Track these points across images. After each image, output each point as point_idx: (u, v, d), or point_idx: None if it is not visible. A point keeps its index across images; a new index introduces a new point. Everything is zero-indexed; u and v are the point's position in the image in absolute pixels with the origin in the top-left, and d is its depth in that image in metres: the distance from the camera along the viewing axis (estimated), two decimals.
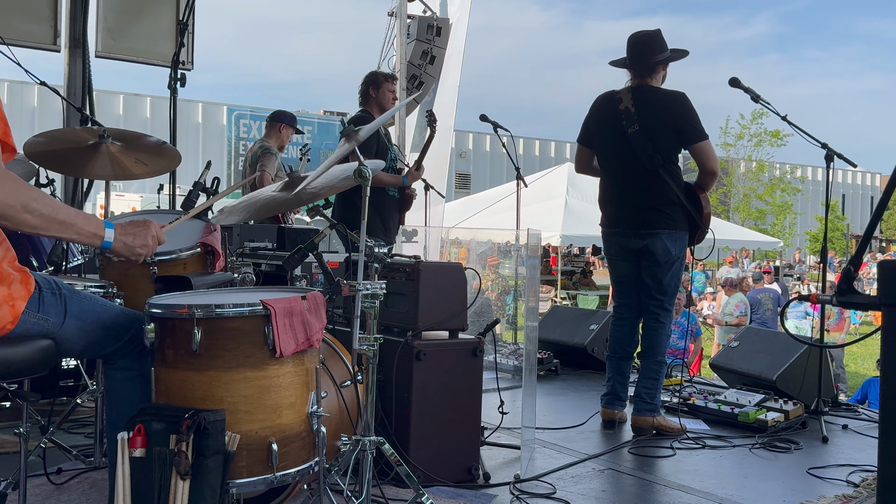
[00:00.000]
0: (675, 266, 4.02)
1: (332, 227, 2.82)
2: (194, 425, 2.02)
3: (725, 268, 16.08)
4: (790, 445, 3.84)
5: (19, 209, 1.86)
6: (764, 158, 29.36)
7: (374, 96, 4.97)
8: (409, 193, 5.02)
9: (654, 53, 3.99)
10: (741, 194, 29.43)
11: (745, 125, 28.57)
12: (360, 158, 2.44)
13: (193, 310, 2.14)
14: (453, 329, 3.17)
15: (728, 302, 11.01)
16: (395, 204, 4.98)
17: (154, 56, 5.74)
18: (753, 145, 29.08)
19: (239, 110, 23.90)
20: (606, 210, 4.19)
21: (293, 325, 2.24)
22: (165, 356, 2.21)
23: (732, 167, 29.59)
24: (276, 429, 2.20)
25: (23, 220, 1.89)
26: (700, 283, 15.78)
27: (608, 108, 4.08)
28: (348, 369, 2.78)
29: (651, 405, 4.00)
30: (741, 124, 28.68)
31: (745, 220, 27.94)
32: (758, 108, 24.26)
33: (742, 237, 17.10)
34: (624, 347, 4.16)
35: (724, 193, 29.52)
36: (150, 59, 5.76)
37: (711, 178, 4.00)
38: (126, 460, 2.04)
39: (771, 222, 29.24)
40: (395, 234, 5.07)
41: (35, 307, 2.07)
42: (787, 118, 4.29)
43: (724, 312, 10.97)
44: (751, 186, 29.43)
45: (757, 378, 4.62)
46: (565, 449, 3.72)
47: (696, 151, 3.94)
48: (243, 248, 4.19)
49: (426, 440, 3.01)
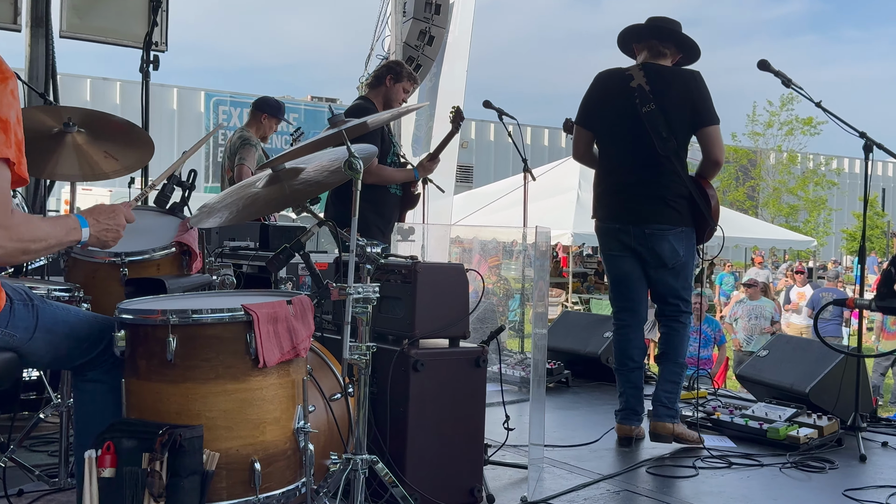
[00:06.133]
0: (686, 267, 4.03)
1: (320, 224, 2.82)
2: (169, 442, 2.02)
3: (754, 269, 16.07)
4: (825, 465, 3.84)
5: (19, 254, 2.04)
6: (795, 149, 29.39)
7: (388, 87, 4.77)
8: (414, 191, 4.93)
9: (678, 31, 4.02)
10: (771, 188, 29.46)
11: (775, 112, 28.63)
12: (349, 149, 2.44)
13: (168, 315, 2.14)
14: (454, 337, 3.17)
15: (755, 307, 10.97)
16: (398, 202, 4.89)
17: (124, 36, 5.74)
18: (784, 134, 29.13)
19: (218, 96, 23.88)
20: (603, 201, 4.15)
21: (278, 332, 2.24)
22: (137, 367, 2.21)
23: (761, 158, 29.62)
24: (259, 446, 2.21)
25: (20, 260, 2.17)
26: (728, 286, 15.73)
27: (617, 85, 4.03)
28: (338, 381, 2.78)
29: (671, 411, 4.01)
30: (770, 111, 28.77)
31: (775, 217, 27.96)
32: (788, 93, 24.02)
33: (771, 235, 17.13)
34: (632, 357, 4.13)
35: (752, 187, 29.54)
36: (119, 40, 5.75)
37: (715, 169, 4.01)
38: (94, 481, 2.04)
39: (803, 219, 29.27)
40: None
41: (3, 322, 2.09)
42: (821, 104, 4.30)
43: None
44: (781, 180, 29.45)
45: (788, 390, 4.62)
46: (577, 468, 3.72)
47: (705, 136, 3.94)
48: (223, 248, 4.19)
49: (424, 459, 3.01)
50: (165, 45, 5.68)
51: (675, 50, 4.07)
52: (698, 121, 3.92)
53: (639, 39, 4.08)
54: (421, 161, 4.91)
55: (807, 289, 12.34)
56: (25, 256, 2.07)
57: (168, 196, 3.30)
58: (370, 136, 4.31)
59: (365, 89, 5.04)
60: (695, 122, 3.93)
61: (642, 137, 3.93)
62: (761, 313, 10.56)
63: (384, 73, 4.85)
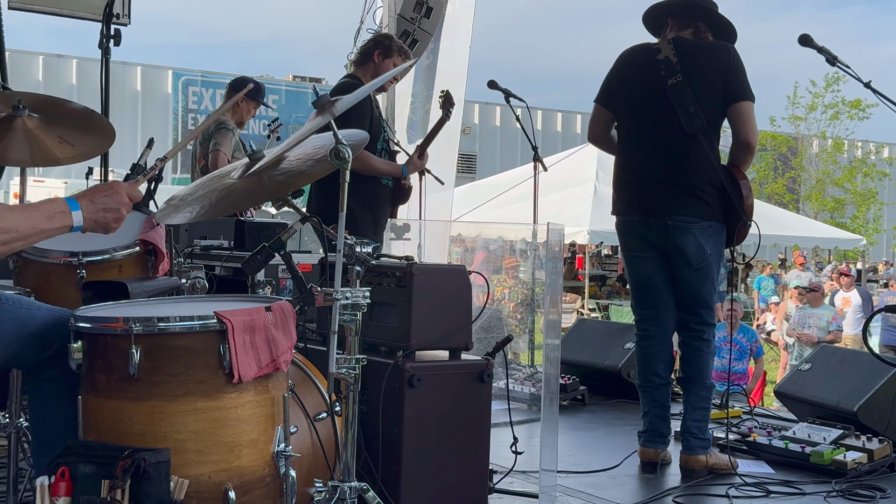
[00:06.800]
0: (713, 269, 4.02)
1: (303, 220, 2.82)
2: (131, 468, 2.02)
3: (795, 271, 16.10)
4: (875, 493, 3.84)
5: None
6: (842, 135, 29.42)
7: (377, 63, 4.80)
8: (405, 184, 4.97)
9: (714, 10, 4.07)
10: (814, 179, 29.49)
11: (818, 93, 28.68)
12: (336, 135, 2.44)
13: (131, 324, 2.14)
14: (455, 348, 3.17)
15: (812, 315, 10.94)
16: (389, 196, 4.91)
17: (81, 7, 5.73)
18: (829, 118, 29.18)
19: (188, 75, 23.91)
20: (622, 193, 4.16)
21: (255, 343, 2.24)
22: (96, 382, 2.21)
23: (803, 146, 29.65)
24: (234, 472, 2.20)
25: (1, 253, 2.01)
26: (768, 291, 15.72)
27: (642, 58, 4.07)
28: (324, 398, 2.78)
29: (703, 441, 4.02)
30: (813, 93, 28.83)
31: (818, 213, 28.00)
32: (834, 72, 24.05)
33: (815, 233, 17.12)
34: (657, 373, 4.12)
35: (793, 179, 29.56)
36: (75, 12, 5.75)
37: (746, 152, 4.00)
38: None
39: (851, 214, 29.29)
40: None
41: None
42: (870, 85, 4.29)
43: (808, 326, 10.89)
44: (825, 170, 29.48)
45: (834, 409, 4.62)
46: (594, 498, 3.72)
47: (736, 112, 3.94)
48: (193, 247, 4.19)
49: (421, 486, 3.01)
50: (128, 17, 5.67)
51: (705, 28, 4.09)
52: (730, 95, 3.93)
53: (669, 16, 4.10)
54: (410, 157, 4.92)
55: (853, 294, 12.35)
56: (3, 247, 1.97)
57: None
58: (357, 118, 4.32)
59: (352, 67, 5.05)
60: (727, 97, 3.94)
61: (667, 114, 3.94)
62: (816, 323, 10.58)
63: (372, 48, 4.88)
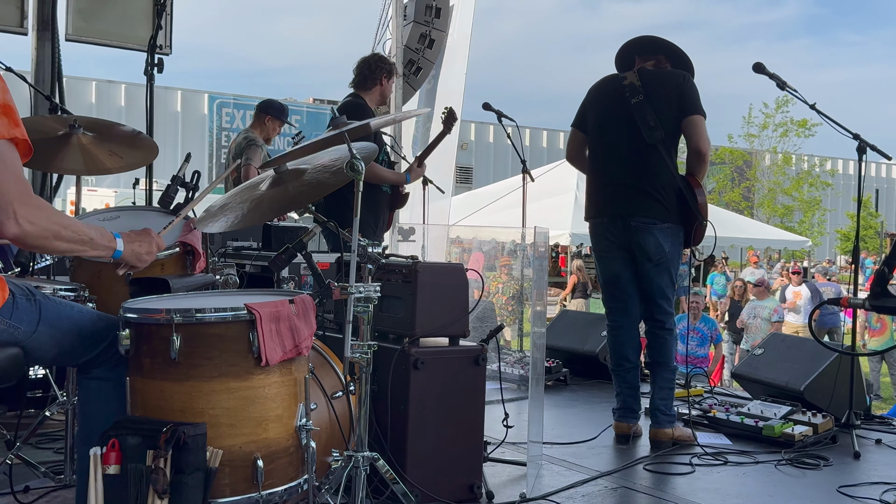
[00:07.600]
0: (671, 265, 4.03)
1: (322, 224, 2.82)
2: (173, 440, 2.02)
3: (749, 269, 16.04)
4: (819, 462, 3.84)
5: (51, 238, 2.01)
6: (790, 150, 29.37)
7: (383, 86, 4.86)
8: (402, 191, 4.98)
9: (672, 45, 4.14)
10: (766, 189, 29.42)
11: (770, 114, 28.62)
12: (351, 150, 2.44)
13: (172, 314, 2.14)
14: (454, 335, 3.17)
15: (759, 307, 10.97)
16: (387, 201, 4.94)
17: (129, 39, 5.73)
18: (779, 136, 29.11)
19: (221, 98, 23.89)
20: (593, 198, 4.18)
21: (280, 331, 2.24)
22: (142, 365, 2.21)
23: (756, 160, 29.60)
24: (262, 444, 2.21)
25: (53, 248, 2.06)
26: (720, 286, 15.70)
27: (612, 86, 4.12)
28: (340, 379, 2.78)
29: (669, 416, 4.04)
30: (765, 113, 28.74)
31: (770, 218, 27.94)
32: (784, 95, 24.00)
33: (767, 236, 17.11)
34: (627, 358, 4.14)
35: (748, 188, 29.52)
36: (124, 43, 5.75)
37: (698, 159, 4.00)
38: (99, 478, 2.04)
39: (798, 219, 29.24)
40: (383, 233, 5.06)
41: (7, 314, 2.08)
42: (815, 106, 4.30)
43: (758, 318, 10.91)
44: (776, 181, 29.42)
45: (783, 388, 4.62)
46: (575, 465, 3.72)
47: (689, 125, 3.96)
48: (226, 248, 4.19)
49: (424, 456, 3.01)
50: (170, 48, 5.68)
51: (665, 60, 4.16)
52: (684, 110, 3.96)
53: (636, 54, 4.18)
54: (410, 165, 4.94)
55: (802, 288, 12.33)
56: (57, 242, 2.02)
57: (172, 197, 3.30)
58: (367, 135, 4.32)
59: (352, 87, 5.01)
60: (681, 112, 3.97)
61: (631, 129, 3.97)
62: (759, 313, 10.61)
63: (377, 72, 4.86)
